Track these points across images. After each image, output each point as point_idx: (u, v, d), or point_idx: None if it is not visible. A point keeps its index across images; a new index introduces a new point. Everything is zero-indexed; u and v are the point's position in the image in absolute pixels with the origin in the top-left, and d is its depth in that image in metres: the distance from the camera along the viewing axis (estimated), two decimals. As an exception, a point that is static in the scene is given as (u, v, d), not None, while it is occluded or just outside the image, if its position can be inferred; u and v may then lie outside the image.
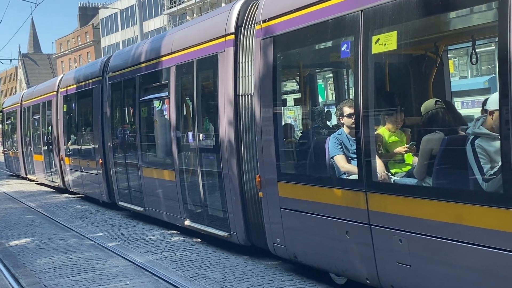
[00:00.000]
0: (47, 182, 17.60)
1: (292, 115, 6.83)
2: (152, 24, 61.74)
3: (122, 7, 63.89)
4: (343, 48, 5.63)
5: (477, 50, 5.82)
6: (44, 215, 12.59)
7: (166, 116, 9.55)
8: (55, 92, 15.85)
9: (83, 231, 10.44)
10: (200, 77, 8.44)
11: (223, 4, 47.49)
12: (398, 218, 5.10)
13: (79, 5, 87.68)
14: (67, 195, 15.97)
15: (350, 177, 5.80)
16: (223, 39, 7.70)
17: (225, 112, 7.65)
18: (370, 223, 5.40)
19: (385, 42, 5.16)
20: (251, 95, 7.32)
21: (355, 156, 5.72)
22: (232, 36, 7.54)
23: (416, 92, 6.59)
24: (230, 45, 7.57)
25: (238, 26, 7.51)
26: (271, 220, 6.95)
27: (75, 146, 14.57)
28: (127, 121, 11.10)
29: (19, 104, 20.56)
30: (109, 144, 11.93)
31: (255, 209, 7.40)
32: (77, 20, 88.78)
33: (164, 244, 9.01)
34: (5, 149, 24.71)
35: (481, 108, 4.94)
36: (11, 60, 59.46)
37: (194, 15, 54.58)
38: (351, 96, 6.22)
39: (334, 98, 7.27)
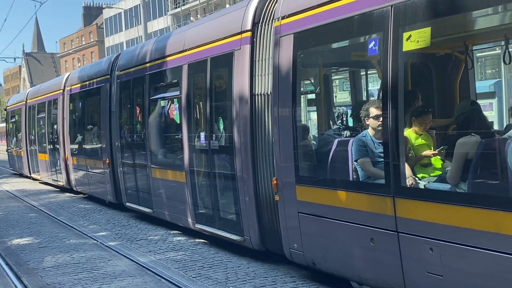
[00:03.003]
0: (51, 181, 17.29)
1: (312, 115, 6.50)
2: (156, 24, 61.53)
3: (126, 7, 63.80)
4: (371, 45, 5.31)
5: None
6: (47, 214, 12.49)
7: (177, 116, 9.24)
8: (61, 91, 15.53)
9: (86, 230, 10.34)
10: (213, 76, 8.12)
11: (227, 5, 47.30)
12: (429, 226, 4.77)
13: (83, 5, 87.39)
14: (69, 194, 15.85)
15: (376, 182, 5.48)
16: (238, 37, 7.38)
17: (240, 111, 7.33)
18: (398, 230, 5.08)
19: (418, 39, 4.84)
20: (267, 95, 7.01)
21: (381, 159, 5.40)
22: (249, 34, 7.22)
23: (444, 93, 6.27)
24: (246, 43, 7.25)
25: (254, 23, 7.20)
26: (288, 225, 6.63)
27: (81, 145, 14.24)
28: (136, 121, 10.78)
29: (24, 102, 20.23)
30: (116, 143, 11.60)
31: (270, 213, 7.09)
32: (81, 19, 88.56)
33: (167, 244, 8.92)
34: (9, 148, 24.37)
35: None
36: (15, 58, 59.38)
37: (198, 15, 54.39)
38: (377, 96, 5.90)
39: (358, 98, 6.94)
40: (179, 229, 9.62)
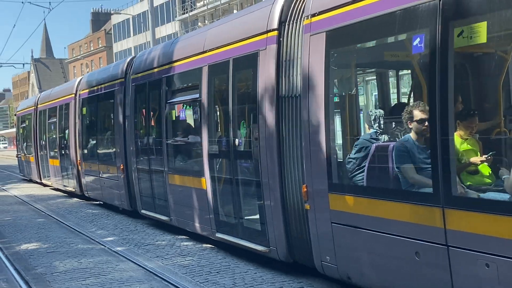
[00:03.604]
0: (63, 188, 16.87)
1: (346, 118, 6.04)
2: (164, 30, 61.51)
3: (135, 13, 63.89)
4: (415, 42, 4.85)
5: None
6: (55, 219, 12.43)
7: (196, 120, 8.81)
8: (73, 95, 15.14)
9: (94, 235, 10.28)
10: (236, 78, 7.68)
11: (235, 11, 47.05)
12: (485, 240, 4.31)
13: (92, 11, 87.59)
14: (77, 199, 15.79)
15: (422, 190, 5.01)
16: (264, 36, 6.95)
17: (265, 115, 6.89)
18: (448, 244, 4.61)
19: (471, 35, 4.39)
20: (296, 97, 6.57)
21: (427, 166, 4.94)
22: (275, 33, 6.79)
23: (487, 94, 5.80)
24: (272, 42, 6.81)
25: (281, 22, 6.77)
26: (319, 235, 6.17)
27: (94, 151, 13.82)
28: (152, 125, 10.34)
29: (35, 107, 19.85)
30: (131, 148, 11.17)
31: (299, 223, 6.63)
32: (89, 25, 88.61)
33: (174, 249, 8.82)
34: (19, 153, 23.99)
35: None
36: (23, 64, 59.60)
37: (206, 21, 54.23)
38: (421, 98, 5.44)
39: (397, 101, 6.47)
40: (186, 234, 9.48)
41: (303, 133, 6.26)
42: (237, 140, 7.63)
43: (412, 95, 6.09)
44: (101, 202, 14.11)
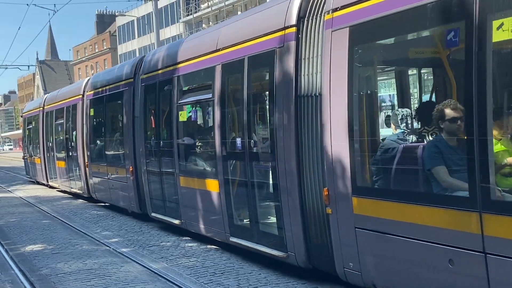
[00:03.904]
0: (70, 190, 16.57)
1: (371, 118, 5.72)
2: (169, 31, 61.49)
3: (139, 15, 63.93)
4: (449, 36, 4.55)
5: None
6: (60, 220, 12.40)
7: (209, 121, 8.51)
8: (80, 96, 14.85)
9: (98, 236, 10.24)
10: (251, 76, 7.38)
11: (239, 12, 46.85)
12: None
13: (97, 13, 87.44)
14: (82, 200, 15.74)
15: (456, 194, 4.69)
16: (281, 33, 6.64)
17: (283, 115, 6.59)
18: (486, 251, 4.30)
19: (512, 28, 4.07)
20: (316, 96, 6.26)
21: (461, 168, 4.62)
22: (293, 29, 6.48)
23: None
24: (290, 39, 6.51)
25: (300, 18, 6.46)
26: (342, 241, 5.86)
27: (102, 152, 13.52)
28: (162, 126, 10.04)
29: (41, 108, 19.57)
30: (141, 150, 10.87)
31: (320, 227, 6.32)
32: (94, 27, 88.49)
33: (179, 250, 8.76)
34: (25, 155, 23.70)
35: None
36: (28, 66, 59.25)
37: (210, 23, 54.12)
38: (454, 95, 5.12)
39: (426, 99, 6.15)
40: (191, 235, 9.42)
41: (324, 134, 5.95)
42: (252, 141, 7.32)
43: (442, 93, 5.76)
44: (107, 204, 13.89)
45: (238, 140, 7.64)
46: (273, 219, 7.09)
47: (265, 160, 7.24)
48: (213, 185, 8.26)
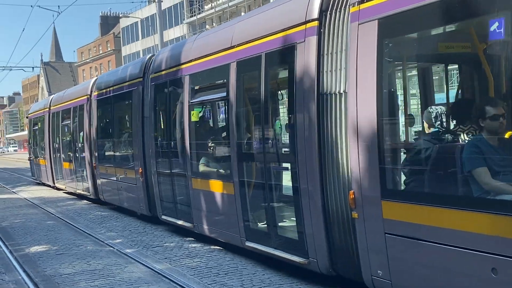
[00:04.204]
0: (77, 192, 16.20)
1: (402, 116, 5.35)
2: (172, 33, 61.26)
3: (143, 16, 63.67)
4: (492, 27, 4.16)
5: None
6: (64, 221, 12.34)
7: (223, 120, 8.15)
8: (87, 96, 14.49)
9: (102, 237, 10.21)
10: (269, 74, 7.01)
11: (243, 13, 46.55)
12: None
13: (101, 14, 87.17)
14: (86, 201, 15.65)
15: (500, 198, 4.32)
16: (302, 27, 6.28)
17: (304, 114, 6.22)
18: (535, 260, 3.93)
19: None
20: (340, 93, 5.90)
21: (505, 169, 4.26)
22: (315, 23, 6.11)
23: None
24: (312, 34, 6.14)
25: (322, 11, 6.09)
26: (369, 247, 5.48)
27: (110, 154, 13.15)
28: (173, 126, 9.68)
29: (48, 109, 19.20)
30: (150, 151, 10.51)
31: (345, 233, 5.95)
32: (98, 29, 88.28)
33: (182, 251, 8.72)
34: (31, 156, 23.34)
35: None
36: (33, 68, 59.27)
37: (214, 24, 53.87)
38: (496, 91, 4.75)
39: (464, 96, 5.77)
40: (194, 236, 9.34)
41: (350, 134, 5.58)
42: (270, 141, 6.96)
43: (480, 89, 5.38)
44: (112, 205, 13.61)
45: (255, 141, 7.29)
46: (292, 223, 6.73)
47: (284, 161, 6.88)
48: (227, 188, 7.90)
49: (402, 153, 5.28)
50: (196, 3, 58.60)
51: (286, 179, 6.80)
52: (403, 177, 5.30)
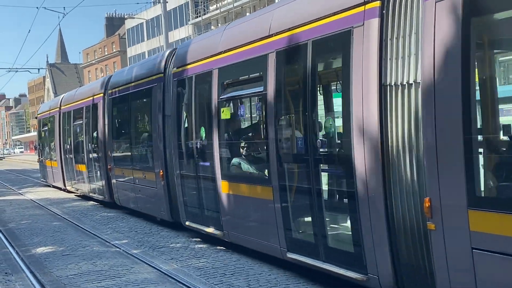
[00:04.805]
0: (90, 195, 15.30)
1: (497, 111, 4.45)
2: (178, 34, 60.70)
3: (148, 18, 63.22)
4: None
5: None
6: (70, 222, 12.23)
7: (259, 117, 7.28)
8: (101, 94, 13.59)
9: (109, 237, 10.12)
10: (316, 64, 6.15)
11: (247, 14, 45.72)
12: None
13: (106, 16, 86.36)
14: (92, 202, 15.43)
15: None
16: (360, 9, 5.40)
17: (362, 108, 5.34)
18: None
19: None
20: (409, 85, 5.03)
21: None
22: (377, 3, 5.24)
23: None
24: (373, 16, 5.26)
25: (385, -10, 5.22)
26: (450, 264, 4.59)
27: (127, 155, 12.24)
28: (200, 125, 8.77)
29: (58, 109, 18.27)
30: (173, 152, 9.61)
31: (415, 246, 5.07)
32: (104, 30, 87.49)
33: (189, 251, 8.63)
34: (40, 158, 22.39)
35: None
36: (39, 69, 58.58)
37: (219, 24, 53.14)
38: None
39: None
40: (200, 236, 9.21)
41: (426, 131, 4.69)
42: (319, 140, 6.06)
43: None
44: (120, 205, 12.96)
45: (300, 140, 6.40)
46: (347, 234, 5.84)
47: (337, 162, 6.01)
48: (265, 192, 7.01)
49: (495, 154, 4.39)
50: (201, 4, 57.94)
51: (339, 183, 5.92)
52: (496, 182, 4.41)
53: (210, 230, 8.54)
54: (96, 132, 14.00)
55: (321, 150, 6.09)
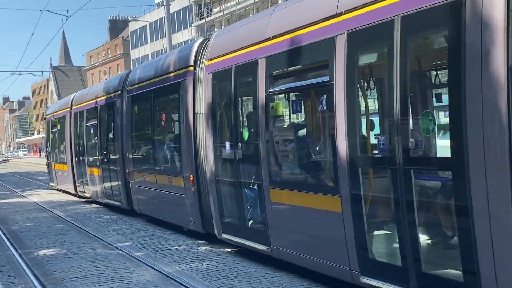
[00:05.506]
0: (105, 201, 13.95)
1: None
2: (181, 36, 59.92)
3: (151, 20, 62.64)
4: None
5: None
6: (73, 225, 12.10)
7: (324, 113, 6.00)
8: (119, 92, 12.28)
9: (111, 240, 10.01)
10: (406, 46, 4.84)
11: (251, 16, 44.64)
12: None
13: (109, 18, 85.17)
14: (95, 205, 15.23)
15: None
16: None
17: (486, 100, 4.08)
18: None
19: None
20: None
21: None
22: None
23: None
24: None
25: None
26: None
27: (149, 158, 10.93)
28: (242, 123, 7.49)
29: (69, 109, 16.91)
30: (205, 155, 8.33)
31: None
32: (107, 33, 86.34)
33: (192, 254, 8.50)
34: (49, 160, 20.97)
35: None
36: (42, 72, 57.23)
37: (222, 27, 52.05)
38: None
39: None
40: (203, 238, 9.08)
41: None
42: (411, 140, 4.78)
43: None
44: (140, 213, 11.83)
45: (383, 140, 5.12)
46: (454, 258, 4.55)
47: (438, 169, 4.73)
48: (330, 203, 5.73)
49: None
50: (204, 6, 57.06)
51: (443, 196, 4.65)
52: None
53: (254, 245, 7.25)
54: (112, 132, 12.68)
55: (411, 152, 4.80)
